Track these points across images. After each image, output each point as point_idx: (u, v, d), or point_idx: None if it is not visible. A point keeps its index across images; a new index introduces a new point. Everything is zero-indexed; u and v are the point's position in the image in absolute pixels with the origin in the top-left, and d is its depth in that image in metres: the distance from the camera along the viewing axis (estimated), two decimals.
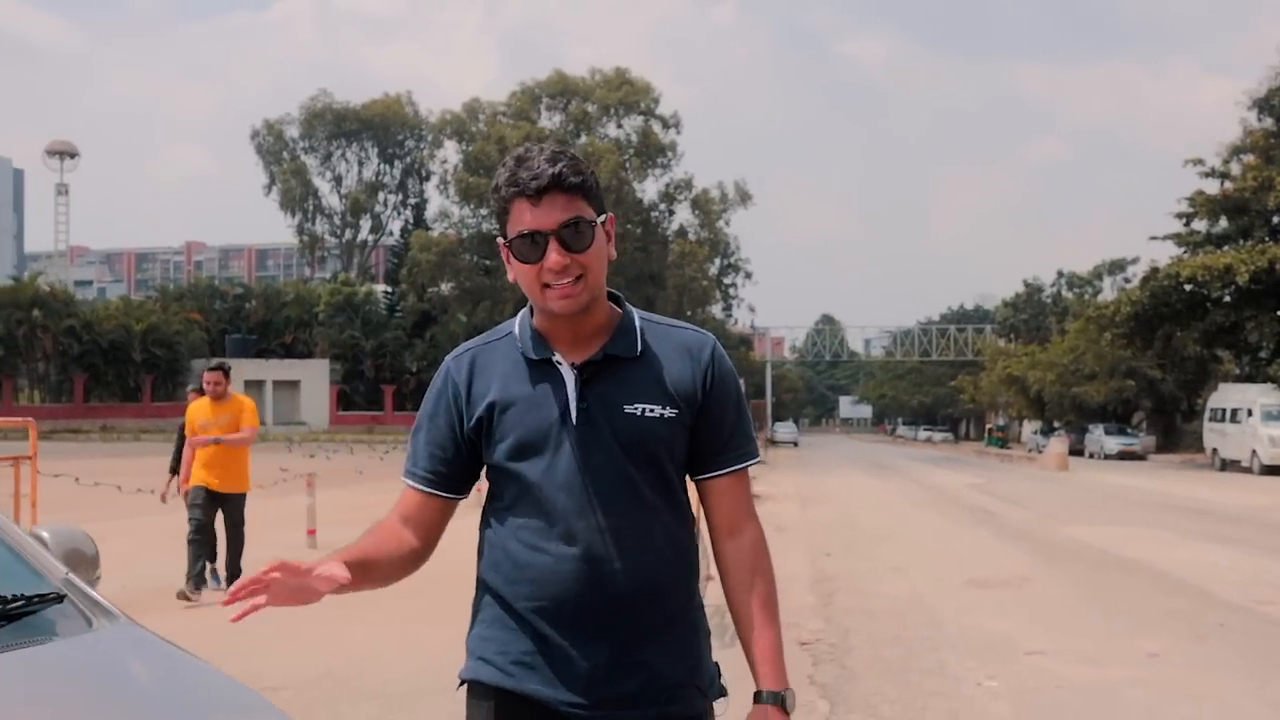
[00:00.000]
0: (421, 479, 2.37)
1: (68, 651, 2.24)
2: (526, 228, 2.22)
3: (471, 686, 2.35)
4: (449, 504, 2.41)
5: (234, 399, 10.44)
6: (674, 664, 2.30)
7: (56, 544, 2.68)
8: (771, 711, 2.33)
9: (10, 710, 2.00)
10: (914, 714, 6.52)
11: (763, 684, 2.36)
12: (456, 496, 2.41)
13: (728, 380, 2.39)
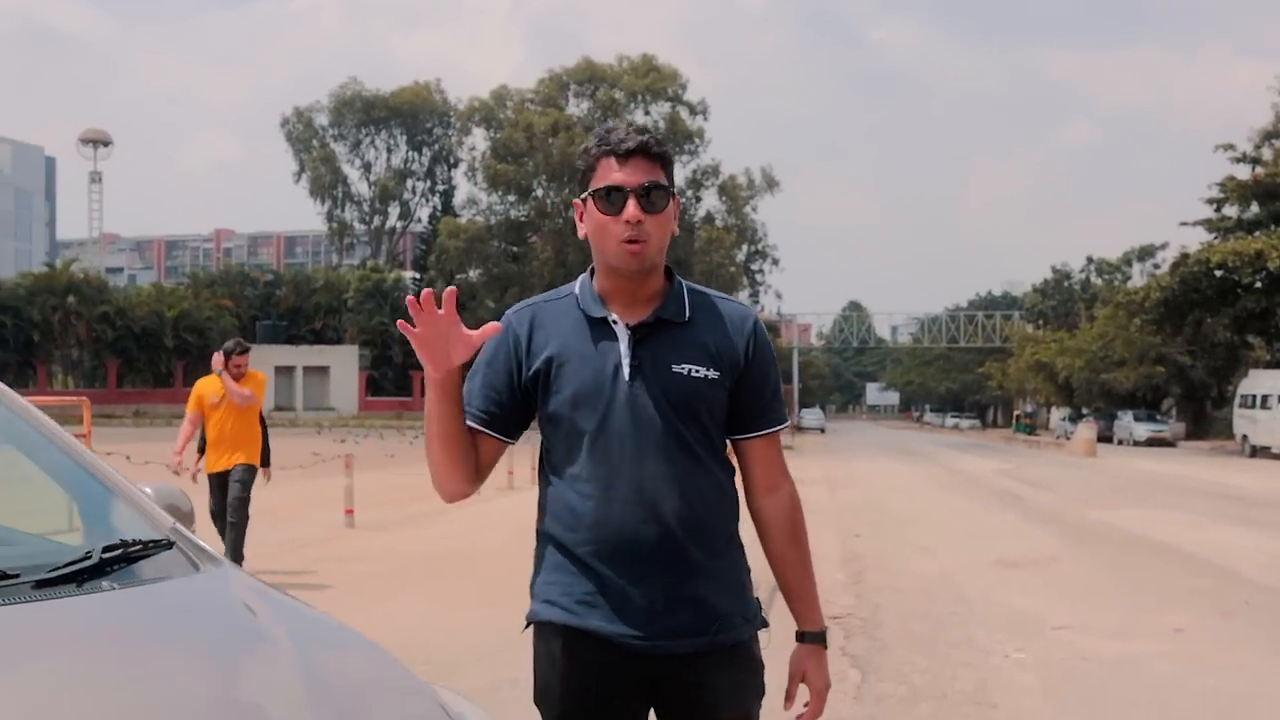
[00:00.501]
0: (474, 418, 2.57)
1: (183, 589, 2.47)
2: (612, 182, 2.45)
3: (538, 627, 2.57)
4: (498, 445, 2.60)
5: (250, 375, 10.14)
6: (721, 597, 2.52)
7: (158, 499, 2.91)
8: (815, 649, 2.61)
9: (139, 637, 2.23)
10: (944, 683, 6.72)
11: (804, 625, 2.62)
12: (506, 439, 2.61)
13: (766, 351, 2.62)
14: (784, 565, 2.64)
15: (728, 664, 2.53)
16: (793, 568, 2.64)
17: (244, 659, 2.28)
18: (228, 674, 2.21)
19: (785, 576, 2.65)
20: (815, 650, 2.62)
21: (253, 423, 10.12)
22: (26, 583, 2.23)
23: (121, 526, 2.61)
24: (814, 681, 2.61)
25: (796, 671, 2.62)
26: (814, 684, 2.61)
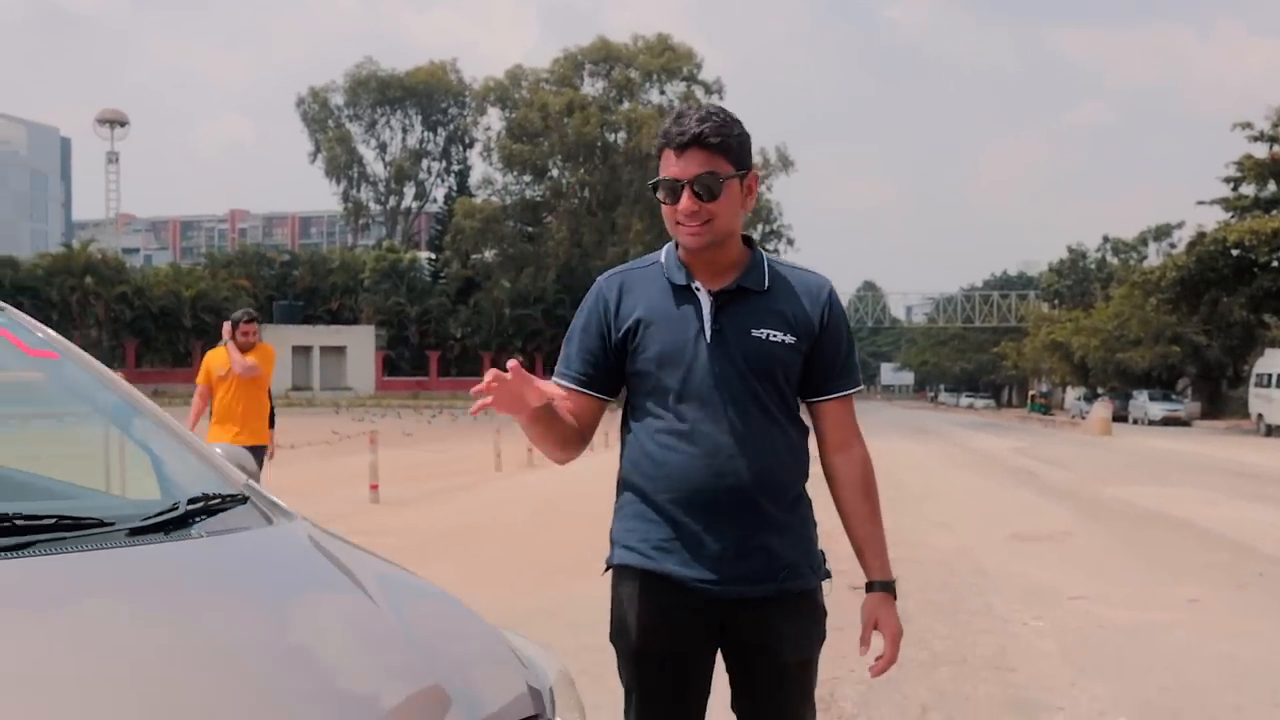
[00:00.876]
0: (574, 379, 2.77)
1: (260, 538, 2.64)
2: (668, 175, 2.62)
3: (617, 570, 2.77)
4: (598, 403, 2.80)
5: (258, 347, 9.90)
6: (789, 547, 2.70)
7: (227, 458, 3.09)
8: (885, 597, 2.80)
9: (226, 579, 2.40)
10: (964, 649, 6.89)
11: (874, 576, 2.82)
12: (605, 397, 2.80)
13: (840, 319, 2.80)
14: (855, 520, 2.82)
15: (794, 610, 2.71)
16: (864, 522, 2.82)
17: (329, 599, 2.46)
18: (316, 612, 2.40)
19: (856, 531, 2.83)
20: (885, 599, 2.80)
21: (260, 398, 9.89)
22: (121, 530, 2.40)
23: (199, 483, 2.78)
24: (887, 628, 2.79)
25: (869, 619, 2.80)
26: (887, 630, 2.79)
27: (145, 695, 1.85)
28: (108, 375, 3.10)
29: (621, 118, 71.94)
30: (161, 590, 2.25)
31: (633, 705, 2.77)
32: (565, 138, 71.06)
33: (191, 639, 2.09)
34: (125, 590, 2.20)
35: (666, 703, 2.73)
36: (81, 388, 3.09)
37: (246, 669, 2.05)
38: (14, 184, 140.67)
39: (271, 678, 2.05)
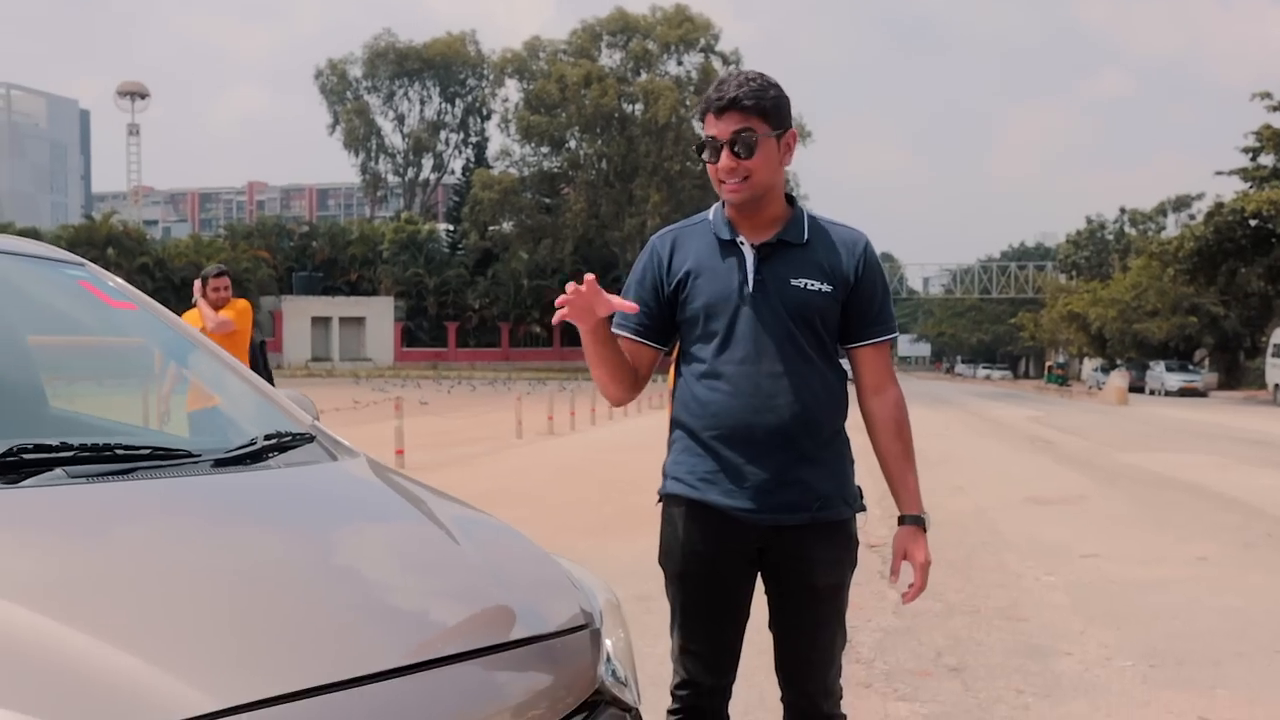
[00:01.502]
0: (631, 330, 3.01)
1: (330, 470, 2.90)
2: (708, 135, 2.85)
3: (667, 499, 3.02)
4: (653, 353, 3.04)
5: (232, 303, 9.74)
6: (824, 480, 2.93)
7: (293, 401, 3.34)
8: (914, 530, 3.03)
9: (302, 502, 2.66)
10: (977, 600, 7.13)
11: (905, 509, 3.05)
12: (658, 346, 3.04)
13: (875, 270, 3.01)
14: (888, 457, 3.06)
15: (827, 539, 2.95)
16: (896, 460, 3.05)
17: (395, 523, 2.72)
18: (384, 534, 2.66)
19: (889, 467, 3.07)
20: (915, 531, 3.03)
21: (239, 356, 9.29)
22: (207, 460, 2.67)
23: (271, 423, 3.04)
24: (916, 557, 3.02)
25: (899, 549, 3.04)
26: (916, 559, 3.02)
27: (235, 597, 2.10)
28: (183, 326, 3.36)
29: (639, 89, 71.91)
30: (243, 510, 2.53)
31: (677, 623, 3.03)
32: (583, 109, 71.09)
33: (273, 553, 2.35)
34: (212, 509, 2.47)
35: (708, 620, 2.99)
36: (158, 336, 3.35)
37: (328, 581, 2.31)
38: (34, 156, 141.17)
39: (349, 590, 2.31)
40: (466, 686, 2.14)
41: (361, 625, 2.15)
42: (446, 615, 2.32)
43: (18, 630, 1.78)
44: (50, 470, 2.35)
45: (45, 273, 3.31)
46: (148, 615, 1.95)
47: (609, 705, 2.39)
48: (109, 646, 1.81)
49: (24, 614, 1.83)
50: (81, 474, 2.38)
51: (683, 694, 3.01)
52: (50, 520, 2.23)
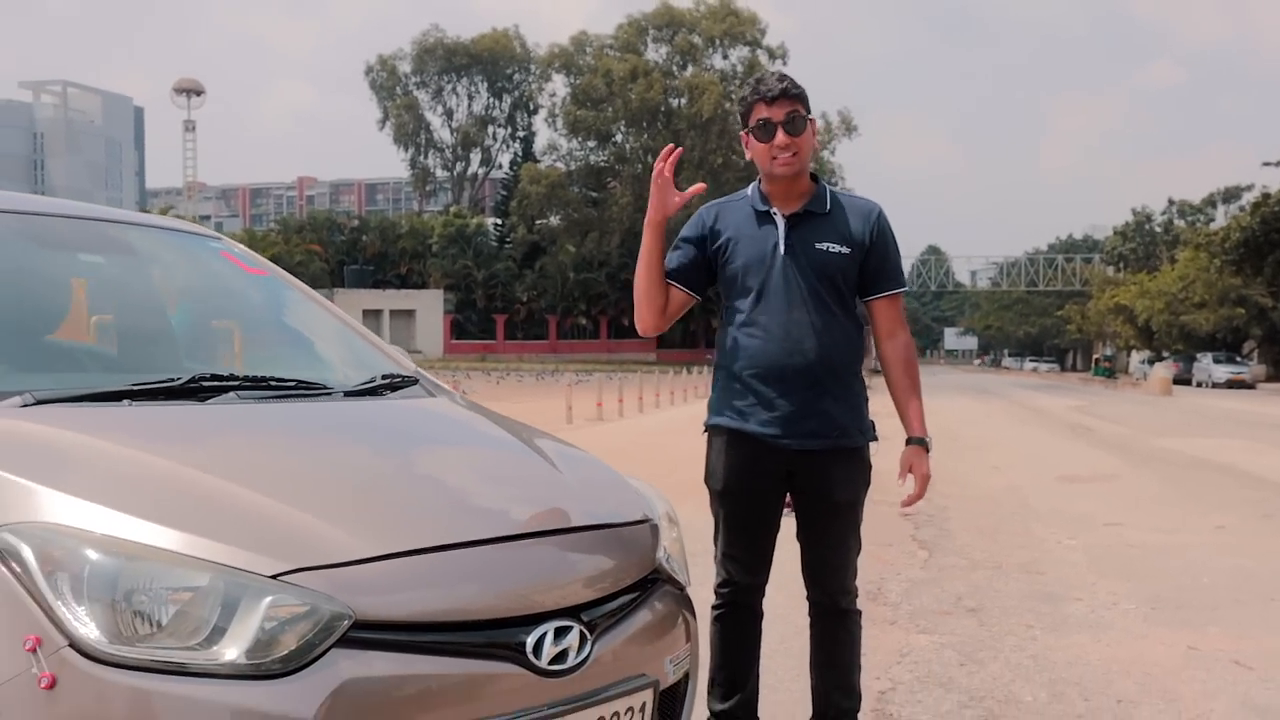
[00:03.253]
0: (672, 274, 3.63)
1: (436, 403, 3.55)
2: (763, 116, 3.45)
3: (711, 429, 3.64)
4: (686, 298, 3.65)
5: None
6: (843, 413, 3.53)
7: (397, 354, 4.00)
8: (918, 449, 3.64)
9: (421, 424, 3.32)
10: (1000, 558, 7.68)
11: (911, 432, 3.65)
12: (693, 293, 3.65)
13: (887, 235, 3.62)
14: (898, 389, 3.67)
15: (845, 462, 3.56)
16: (904, 392, 3.66)
17: (494, 439, 3.39)
18: (485, 445, 3.32)
19: (898, 397, 3.68)
20: (918, 450, 3.63)
21: None
22: (339, 393, 3.34)
23: (385, 368, 3.70)
24: (918, 470, 3.64)
25: (904, 463, 3.65)
26: (918, 472, 3.64)
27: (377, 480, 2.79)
28: (306, 289, 4.03)
29: (684, 84, 72.45)
30: (371, 424, 3.26)
31: (720, 532, 3.65)
32: (629, 104, 71.73)
33: (396, 451, 3.08)
34: (347, 422, 3.22)
35: (745, 530, 3.60)
36: (287, 299, 4.00)
37: (443, 472, 3.02)
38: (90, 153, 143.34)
39: (461, 480, 3.00)
40: (556, 554, 2.80)
41: (474, 505, 2.83)
42: (538, 503, 2.97)
43: (225, 491, 2.49)
44: (224, 393, 3.02)
45: (196, 245, 3.99)
46: (312, 490, 2.65)
47: (664, 582, 3.02)
48: (284, 506, 2.50)
49: (220, 480, 2.53)
50: (248, 397, 3.06)
51: (724, 591, 3.63)
52: (229, 424, 2.95)
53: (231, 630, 2.22)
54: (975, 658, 5.15)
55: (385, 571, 2.41)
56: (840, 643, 3.64)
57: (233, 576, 2.26)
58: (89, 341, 3.56)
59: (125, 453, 2.58)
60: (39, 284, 3.45)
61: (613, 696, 2.65)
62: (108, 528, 2.29)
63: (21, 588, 2.21)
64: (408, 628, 2.36)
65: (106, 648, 2.17)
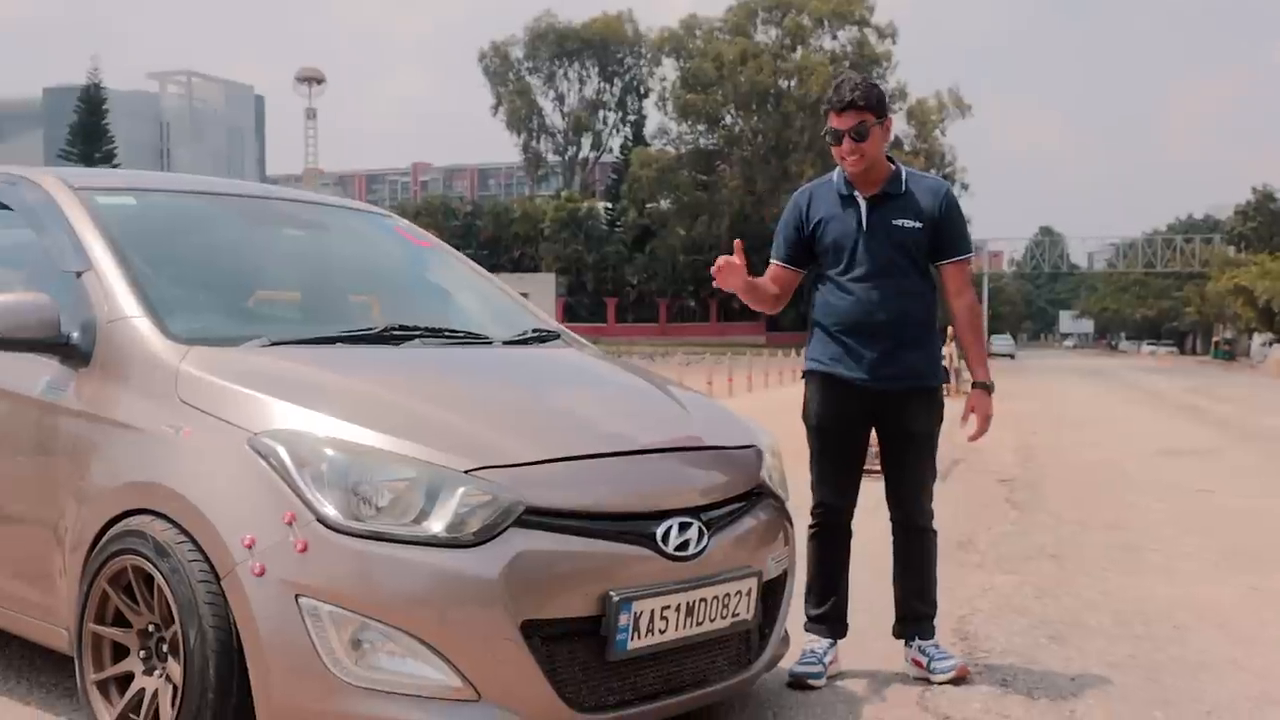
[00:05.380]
0: (779, 257, 4.32)
1: (579, 351, 4.29)
2: (834, 126, 4.10)
3: (808, 375, 4.32)
4: (794, 274, 4.34)
5: None
6: (918, 360, 4.18)
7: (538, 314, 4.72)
8: (981, 393, 4.31)
9: (574, 364, 4.07)
10: (1087, 516, 8.17)
11: (976, 378, 4.32)
12: (800, 270, 4.32)
13: (954, 209, 4.27)
14: (965, 342, 4.36)
15: (920, 400, 4.22)
16: (970, 345, 4.35)
17: (630, 376, 4.13)
18: (623, 380, 4.06)
19: (966, 350, 4.36)
20: (981, 393, 4.30)
21: None
22: (498, 342, 4.08)
23: (533, 324, 4.44)
24: (980, 410, 4.29)
25: (969, 405, 4.32)
26: (980, 412, 4.30)
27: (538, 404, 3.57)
28: (466, 260, 4.79)
29: (793, 66, 72.62)
30: (529, 363, 4.06)
31: (814, 461, 4.31)
32: (738, 86, 72.11)
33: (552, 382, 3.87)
34: (509, 362, 4.02)
35: (835, 459, 4.27)
36: (450, 266, 4.75)
37: (590, 399, 3.79)
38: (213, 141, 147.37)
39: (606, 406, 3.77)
40: (680, 467, 3.52)
41: (615, 426, 3.57)
42: (666, 428, 3.69)
43: (417, 405, 3.27)
44: (411, 340, 3.77)
45: (374, 221, 4.80)
46: (488, 410, 3.40)
47: (767, 495, 3.69)
48: (469, 422, 3.24)
49: (419, 402, 3.31)
50: (430, 343, 3.83)
51: (818, 512, 4.29)
52: (419, 361, 3.75)
53: (434, 511, 2.94)
54: (1050, 593, 5.70)
55: (549, 472, 3.12)
56: (917, 556, 4.28)
57: (435, 471, 2.98)
58: (294, 299, 4.36)
59: (345, 379, 3.37)
60: (257, 252, 4.26)
61: (725, 580, 3.32)
62: (339, 433, 3.04)
63: (279, 478, 2.95)
64: (566, 515, 3.07)
65: (342, 522, 2.90)
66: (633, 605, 3.07)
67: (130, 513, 3.17)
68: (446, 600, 2.89)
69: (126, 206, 4.03)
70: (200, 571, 2.96)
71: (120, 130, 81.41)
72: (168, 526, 3.05)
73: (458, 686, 2.89)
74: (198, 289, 3.93)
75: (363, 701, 2.86)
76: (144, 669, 3.18)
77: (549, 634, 2.98)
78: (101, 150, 73.20)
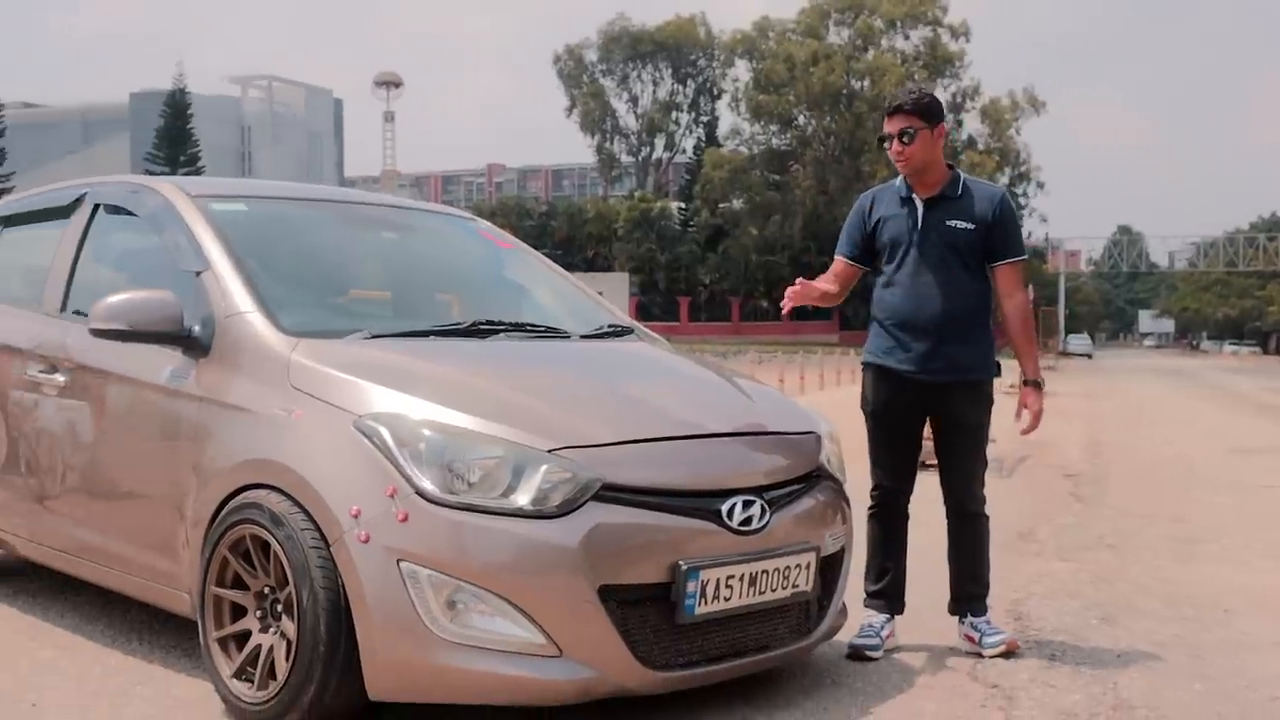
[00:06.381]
0: (847, 254, 4.60)
1: (651, 344, 4.59)
2: (885, 130, 4.39)
3: (865, 366, 4.60)
4: (856, 270, 4.62)
5: None
6: (967, 354, 4.43)
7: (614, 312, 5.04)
8: (1032, 389, 4.56)
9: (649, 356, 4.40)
10: (1151, 510, 8.33)
11: (1026, 375, 4.58)
12: (861, 265, 4.60)
13: (1008, 214, 4.53)
14: (1015, 341, 4.60)
15: (969, 392, 4.48)
16: (1020, 343, 4.59)
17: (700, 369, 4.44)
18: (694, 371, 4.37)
19: (1016, 347, 4.59)
20: (1032, 389, 4.55)
21: None
22: (576, 335, 4.41)
23: (608, 320, 4.75)
24: (1031, 406, 4.55)
25: (1020, 400, 4.57)
26: (1031, 408, 4.56)
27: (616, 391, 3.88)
28: (546, 260, 5.13)
29: (865, 66, 72.36)
30: (606, 355, 4.39)
31: (872, 447, 4.59)
32: (811, 87, 71.96)
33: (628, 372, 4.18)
34: (588, 352, 4.36)
35: (890, 444, 4.54)
36: (531, 265, 5.09)
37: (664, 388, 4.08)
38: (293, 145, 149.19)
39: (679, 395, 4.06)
40: (744, 450, 3.82)
41: (684, 413, 3.86)
42: (731, 415, 3.99)
43: (504, 392, 3.60)
44: (497, 334, 4.11)
45: (460, 225, 5.18)
46: (569, 396, 3.72)
47: (826, 478, 3.98)
48: (551, 407, 3.56)
49: (506, 389, 3.64)
50: (514, 336, 4.18)
51: (876, 494, 4.57)
52: (505, 353, 4.10)
53: (520, 486, 3.27)
54: (1104, 578, 5.91)
55: (624, 452, 3.44)
56: (970, 539, 4.53)
57: (521, 450, 3.31)
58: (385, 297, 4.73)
59: (439, 368, 3.71)
60: (354, 254, 4.65)
61: (785, 554, 3.62)
62: (435, 416, 3.38)
63: (382, 455, 3.30)
64: (639, 491, 3.38)
65: (438, 495, 3.23)
66: (700, 574, 3.37)
67: (247, 487, 3.53)
68: (532, 566, 3.21)
69: (238, 212, 4.41)
70: (311, 539, 3.30)
71: (203, 134, 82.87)
72: (282, 499, 3.41)
73: (542, 643, 3.21)
74: (302, 286, 4.30)
75: (456, 655, 3.20)
76: (260, 627, 3.53)
77: (624, 598, 3.30)
78: (186, 154, 74.72)
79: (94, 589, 4.77)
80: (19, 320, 4.77)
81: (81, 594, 5.03)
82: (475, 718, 3.49)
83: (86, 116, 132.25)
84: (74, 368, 4.33)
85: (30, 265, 5.02)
